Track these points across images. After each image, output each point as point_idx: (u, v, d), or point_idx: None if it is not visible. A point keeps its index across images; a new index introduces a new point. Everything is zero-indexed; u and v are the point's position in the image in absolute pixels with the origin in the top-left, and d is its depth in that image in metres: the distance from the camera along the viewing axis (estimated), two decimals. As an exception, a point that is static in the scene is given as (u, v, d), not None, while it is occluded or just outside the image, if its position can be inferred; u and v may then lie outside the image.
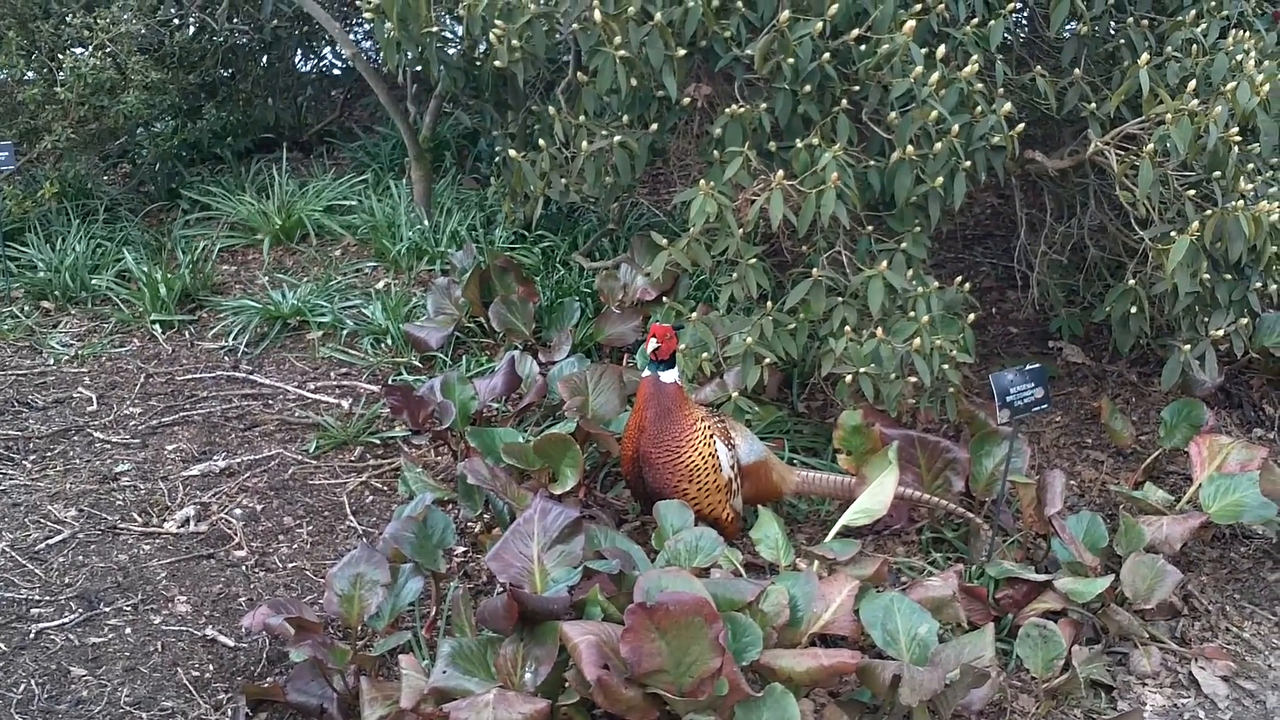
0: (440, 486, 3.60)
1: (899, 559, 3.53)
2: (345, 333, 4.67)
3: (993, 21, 3.64)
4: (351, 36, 5.83)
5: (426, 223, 5.17)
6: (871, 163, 3.67)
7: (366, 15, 4.01)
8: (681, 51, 3.54)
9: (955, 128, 3.52)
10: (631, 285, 4.51)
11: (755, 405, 3.83)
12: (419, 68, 4.22)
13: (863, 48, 3.58)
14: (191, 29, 5.56)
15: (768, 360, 3.68)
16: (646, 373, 3.37)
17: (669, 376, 3.34)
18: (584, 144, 3.84)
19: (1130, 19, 3.79)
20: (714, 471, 3.34)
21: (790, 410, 4.19)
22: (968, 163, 3.58)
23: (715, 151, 3.74)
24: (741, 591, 2.86)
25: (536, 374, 4.04)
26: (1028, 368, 3.35)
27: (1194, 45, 3.65)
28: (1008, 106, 3.56)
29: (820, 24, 3.52)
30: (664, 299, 4.13)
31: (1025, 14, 4.16)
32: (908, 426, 3.78)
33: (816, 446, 4.02)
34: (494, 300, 4.47)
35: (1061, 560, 3.33)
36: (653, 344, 3.32)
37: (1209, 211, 3.47)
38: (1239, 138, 3.42)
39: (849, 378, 3.54)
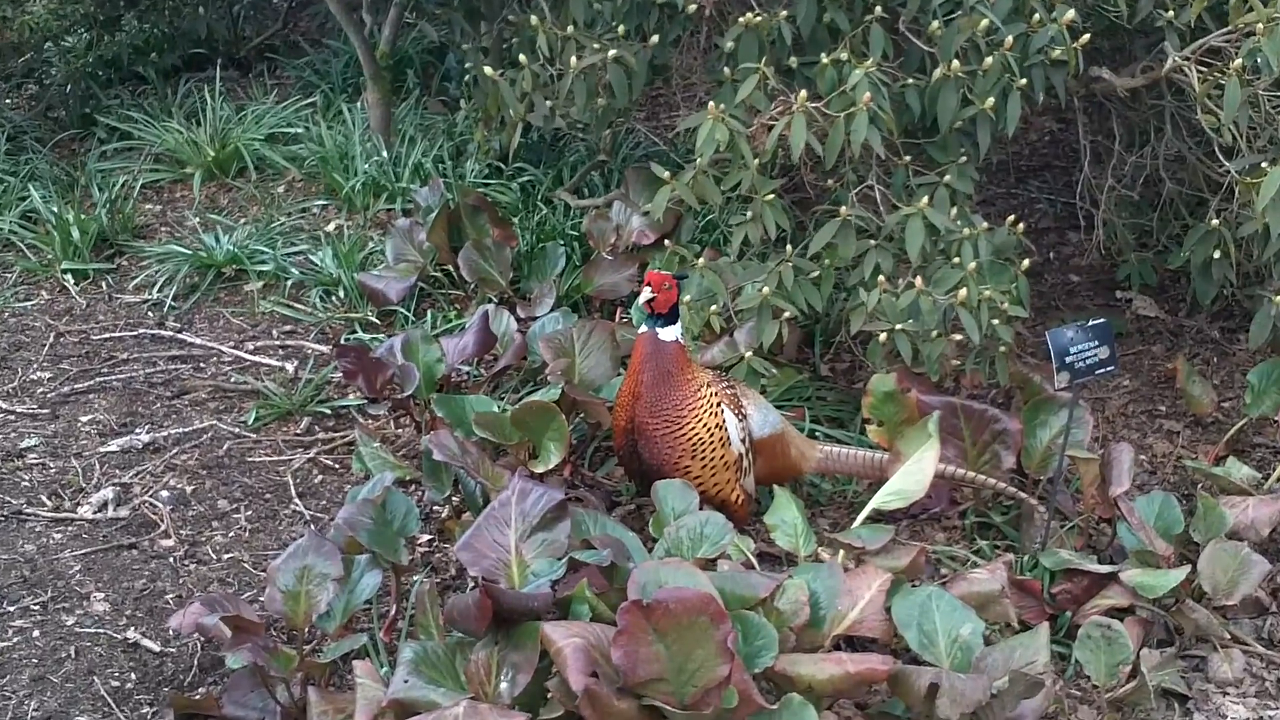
0: (401, 464, 3.60)
1: (938, 548, 3.53)
2: (290, 284, 4.67)
3: (1053, -89, 3.70)
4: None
5: (385, 154, 5.17)
6: (910, 81, 3.66)
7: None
8: (686, -53, 3.61)
9: (1008, 39, 3.51)
10: (626, 227, 4.50)
11: (771, 367, 3.83)
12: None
13: (899, -58, 3.64)
14: (107, -77, 5.73)
15: (787, 314, 3.68)
16: (643, 329, 3.36)
17: (669, 333, 3.33)
18: (572, 60, 3.83)
19: (1216, -91, 3.85)
20: (721, 446, 3.33)
21: (812, 373, 4.17)
22: (1023, 81, 3.57)
23: (726, 69, 3.73)
24: (754, 586, 2.86)
25: (514, 332, 4.03)
26: (1091, 323, 3.35)
27: (1291, -60, 3.66)
28: (1070, 14, 3.55)
29: (849, -87, 3.60)
30: (664, 242, 4.12)
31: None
32: (949, 392, 3.79)
33: (842, 416, 4.01)
34: (464, 245, 4.47)
35: (1129, 549, 3.33)
36: (648, 294, 3.31)
37: (1308, 138, 3.60)
38: (1344, 51, 3.47)
39: (883, 336, 3.55)
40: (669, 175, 3.71)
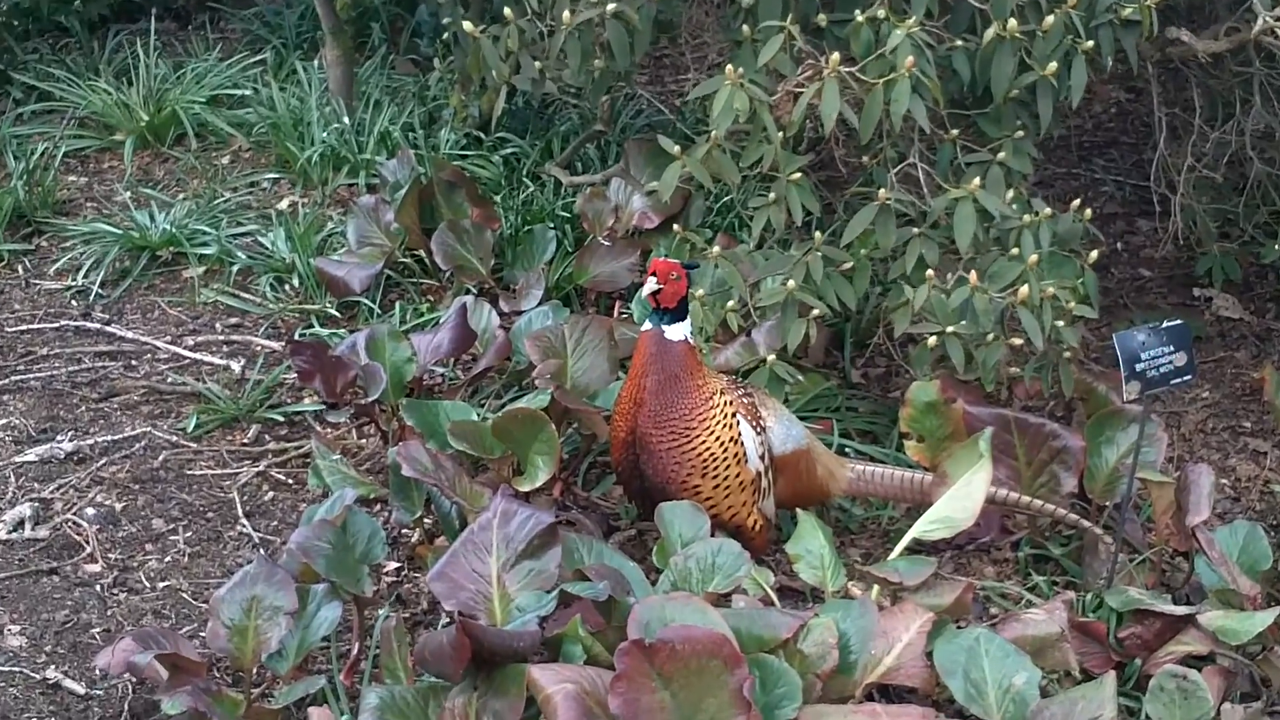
0: (365, 480, 3.62)
1: (988, 583, 3.54)
2: (236, 270, 4.67)
3: None
4: None
5: (347, 120, 5.19)
6: (958, 43, 3.66)
7: None
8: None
9: (1073, -6, 3.63)
10: (627, 208, 4.53)
11: (795, 373, 3.83)
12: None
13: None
14: None
15: (814, 312, 3.68)
16: (646, 326, 3.37)
17: (677, 332, 3.34)
18: (565, 14, 3.83)
19: None
20: (736, 463, 3.35)
21: (842, 380, 4.18)
22: (1089, 43, 3.57)
23: (745, 27, 3.73)
24: (774, 626, 2.86)
25: (496, 328, 4.04)
26: (1165, 325, 3.36)
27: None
28: (1144, -34, 3.66)
29: None
30: (672, 226, 4.10)
31: None
32: (1000, 403, 3.82)
33: (877, 430, 4.02)
34: (439, 227, 4.48)
35: (1208, 587, 3.32)
36: (652, 285, 3.32)
37: None
38: None
39: (932, 340, 3.59)
40: (677, 149, 3.70)
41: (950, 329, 3.54)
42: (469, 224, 4.51)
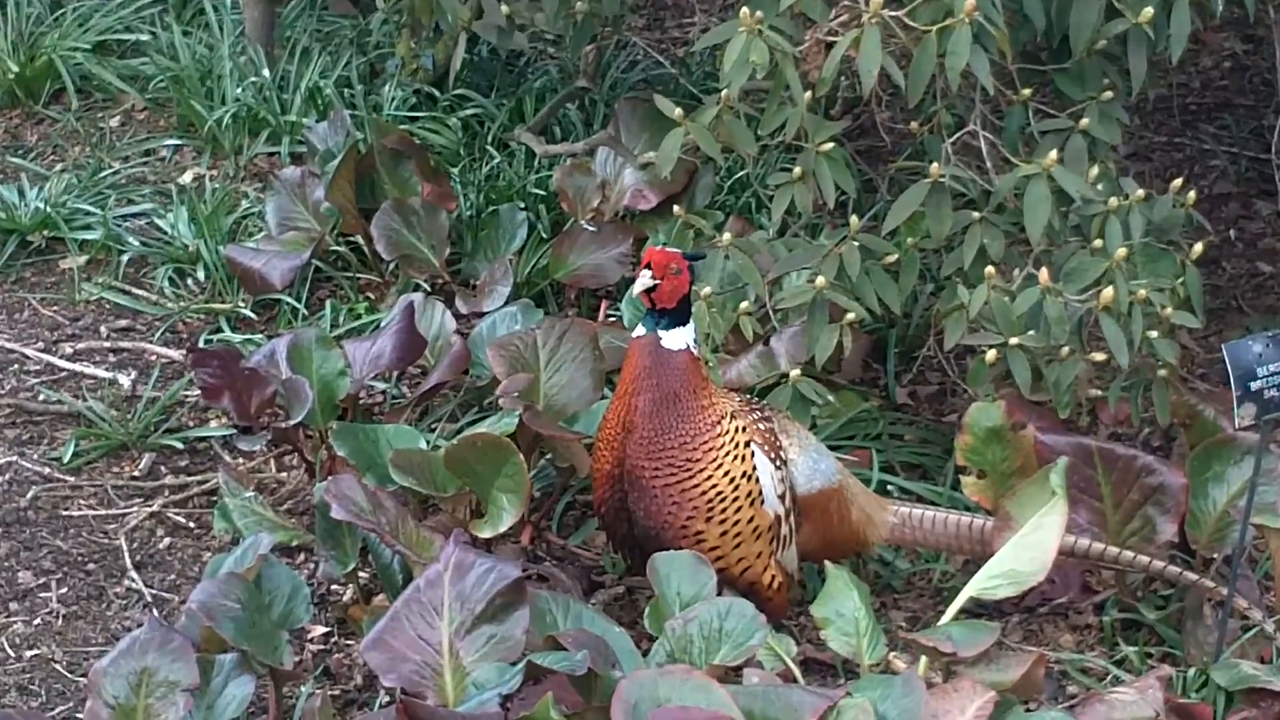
0: (286, 523, 3.64)
1: (1065, 655, 3.53)
2: (126, 259, 4.69)
3: None
4: None
5: (266, 73, 5.20)
6: (1031, -18, 3.80)
7: None
8: None
9: (1173, -78, 3.64)
10: (616, 185, 4.54)
11: (826, 391, 3.83)
12: None
13: None
14: None
15: (850, 316, 3.68)
16: (639, 332, 3.38)
17: (677, 339, 3.35)
18: (539, -60, 4.03)
19: None
20: (750, 504, 3.37)
21: (884, 400, 4.20)
22: (1192, -18, 3.70)
23: (765, -42, 3.79)
24: (795, 708, 2.83)
25: (451, 334, 4.06)
26: (1287, 333, 3.50)
27: None
28: (1263, -115, 3.79)
29: None
30: (673, 208, 4.12)
31: None
32: (1081, 430, 3.81)
33: (927, 463, 4.04)
34: (381, 208, 4.50)
35: (1341, 662, 3.42)
36: (647, 280, 3.34)
37: None
38: None
39: (990, 353, 3.58)
40: (679, 112, 3.71)
41: (1014, 340, 3.53)
42: (419, 204, 4.50)
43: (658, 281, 3.32)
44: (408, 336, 3.98)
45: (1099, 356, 3.58)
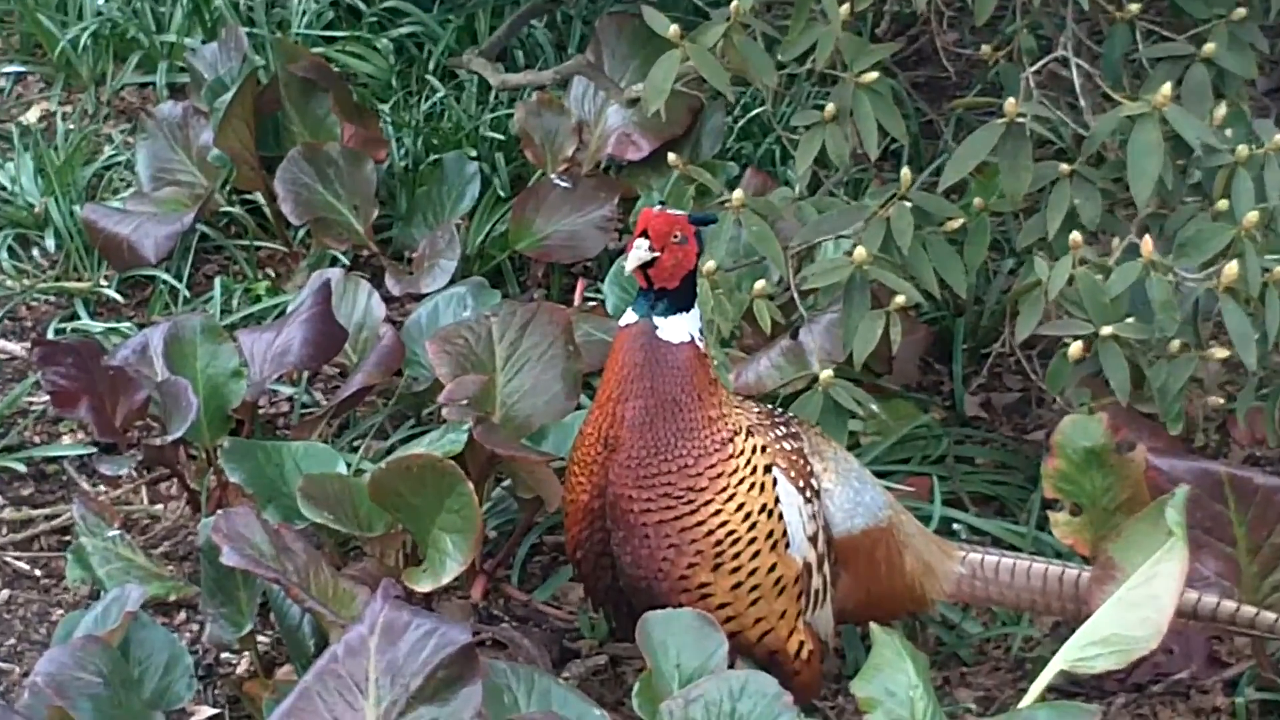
0: (162, 571, 3.59)
1: (1188, 751, 3.40)
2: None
3: None
4: None
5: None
6: None
7: None
8: None
9: None
10: (597, 126, 4.63)
11: (870, 400, 3.77)
12: None
13: None
14: None
15: (900, 300, 3.62)
16: (628, 319, 3.31)
17: (677, 328, 3.28)
18: None
19: None
20: (771, 548, 3.31)
21: (948, 412, 4.22)
22: None
23: None
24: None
25: (380, 322, 4.08)
26: None
27: None
28: None
29: None
30: (669, 157, 4.00)
31: None
32: (1207, 453, 3.83)
33: (1005, 494, 4.01)
34: (288, 156, 4.55)
35: None
36: (641, 250, 3.24)
37: None
38: None
39: (1075, 345, 3.53)
40: (675, 29, 3.68)
41: (1107, 330, 3.47)
42: (337, 151, 4.52)
43: (657, 254, 3.23)
44: (322, 326, 3.93)
45: (1221, 353, 3.54)
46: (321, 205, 4.48)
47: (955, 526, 3.88)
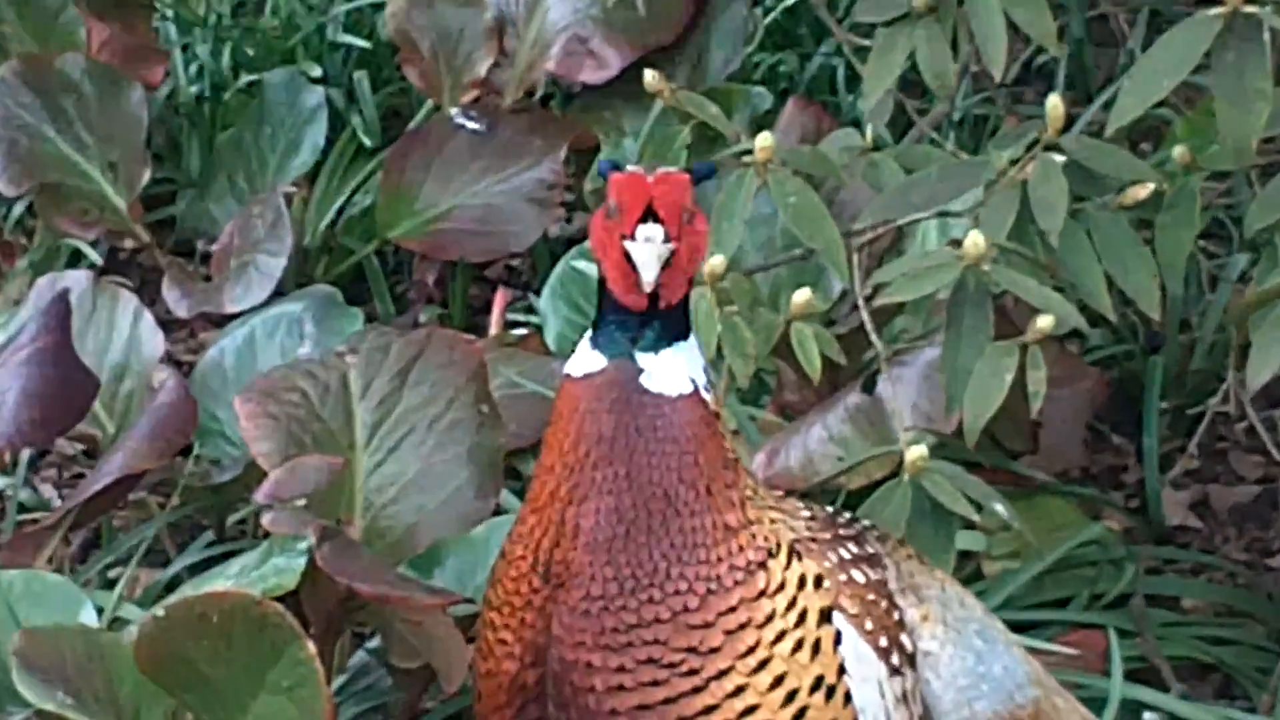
0: None
1: None
2: None
3: None
4: None
5: None
6: None
7: None
8: None
9: None
10: (529, 24, 4.28)
11: (995, 495, 3.29)
12: None
13: None
14: None
15: (1044, 325, 3.15)
16: (589, 362, 2.74)
17: (670, 372, 2.73)
18: None
19: None
20: None
21: (1132, 515, 3.82)
22: None
23: None
24: None
25: (155, 363, 3.75)
26: None
27: None
28: None
29: None
30: (647, 74, 3.55)
31: None
32: None
33: (1231, 659, 3.52)
34: None
35: None
36: (659, 245, 2.70)
37: None
38: None
39: None
40: None
41: None
42: (81, 67, 4.09)
43: (675, 245, 2.64)
44: (55, 370, 3.52)
45: None
46: (53, 162, 3.98)
47: (1148, 716, 3.31)
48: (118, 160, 4.10)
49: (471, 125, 4.12)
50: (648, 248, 2.55)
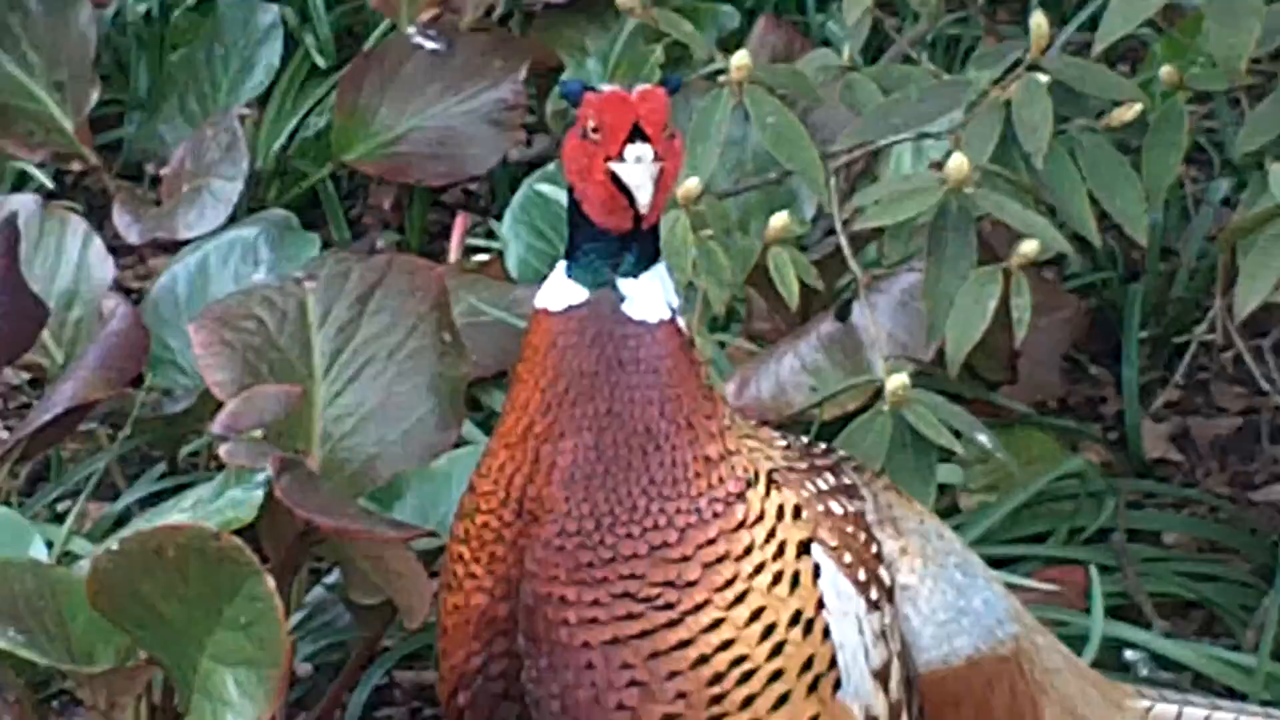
0: None
1: None
2: None
3: None
4: None
5: None
6: None
7: None
8: None
9: None
10: None
11: (976, 425, 3.35)
12: None
13: None
14: None
15: (1027, 251, 3.21)
16: (566, 293, 2.77)
17: (648, 298, 2.75)
18: None
19: None
20: (806, 686, 2.85)
21: (1113, 447, 3.83)
22: None
23: None
24: None
25: (105, 289, 3.82)
26: None
27: None
28: None
29: None
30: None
31: None
32: None
33: (1214, 596, 3.57)
34: None
35: None
36: (649, 165, 2.70)
37: None
38: None
39: None
40: None
41: None
42: None
43: (663, 163, 2.69)
44: (2, 298, 3.62)
45: None
46: (-4, 84, 3.51)
47: (1130, 655, 3.40)
48: (65, 80, 4.14)
49: (429, 45, 4.15)
50: (639, 168, 2.55)
